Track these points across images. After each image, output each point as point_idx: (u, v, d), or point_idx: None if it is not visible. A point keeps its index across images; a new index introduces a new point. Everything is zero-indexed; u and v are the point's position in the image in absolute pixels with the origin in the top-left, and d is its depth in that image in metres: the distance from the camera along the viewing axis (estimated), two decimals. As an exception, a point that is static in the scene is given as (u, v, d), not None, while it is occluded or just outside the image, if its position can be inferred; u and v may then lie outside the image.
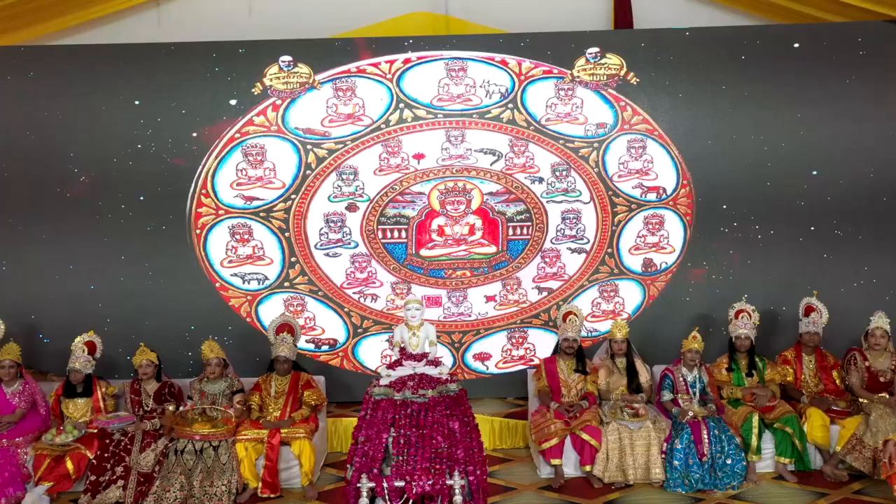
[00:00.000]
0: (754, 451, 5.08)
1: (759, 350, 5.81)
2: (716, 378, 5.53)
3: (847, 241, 6.49)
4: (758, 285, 6.38)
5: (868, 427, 4.99)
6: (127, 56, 6.30)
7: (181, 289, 6.37)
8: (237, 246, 6.35)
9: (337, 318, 6.41)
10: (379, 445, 3.65)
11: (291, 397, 5.42)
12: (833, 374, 5.53)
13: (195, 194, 6.31)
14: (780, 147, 6.43)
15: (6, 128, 6.30)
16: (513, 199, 6.35)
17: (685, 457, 5.00)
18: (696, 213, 6.41)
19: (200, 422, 5.14)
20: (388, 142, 6.29)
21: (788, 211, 6.47)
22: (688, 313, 6.31)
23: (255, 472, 5.04)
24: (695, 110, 6.36)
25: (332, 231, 6.34)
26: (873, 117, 6.38)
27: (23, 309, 6.31)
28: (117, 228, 6.38)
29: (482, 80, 6.27)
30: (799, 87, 6.38)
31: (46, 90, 6.28)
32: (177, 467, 4.97)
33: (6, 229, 6.37)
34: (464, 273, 6.40)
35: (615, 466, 5.09)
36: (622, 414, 5.23)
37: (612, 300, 6.43)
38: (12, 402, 5.34)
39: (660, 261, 6.44)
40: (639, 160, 6.33)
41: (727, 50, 6.38)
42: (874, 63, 6.34)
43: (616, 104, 6.30)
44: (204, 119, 6.27)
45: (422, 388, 3.81)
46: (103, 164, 6.34)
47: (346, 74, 6.26)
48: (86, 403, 5.34)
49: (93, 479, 4.98)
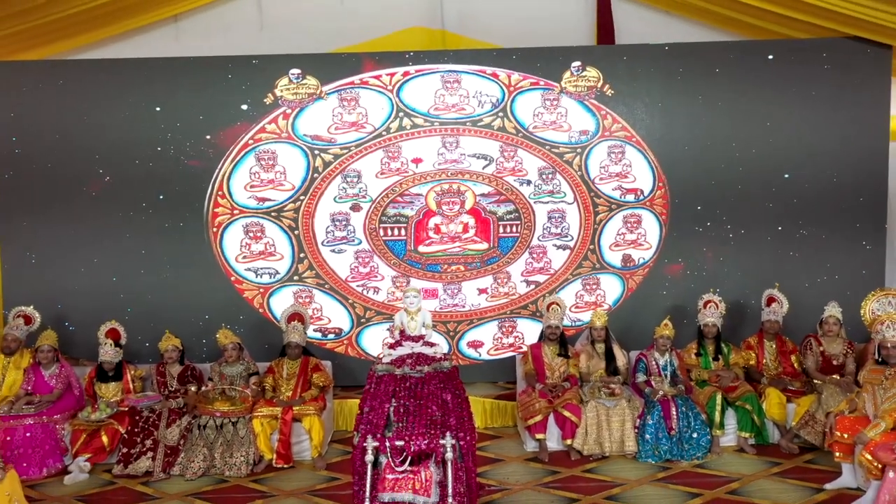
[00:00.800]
0: (718, 426, 5.66)
1: (727, 337, 6.41)
2: (685, 362, 6.11)
3: (811, 240, 7.04)
4: (728, 280, 6.97)
5: (820, 405, 5.55)
6: (149, 68, 6.86)
7: (198, 282, 6.92)
8: (251, 243, 6.92)
9: (342, 308, 6.99)
10: (382, 413, 4.21)
11: (302, 379, 5.99)
12: (791, 358, 6.11)
13: (212, 196, 6.88)
14: (751, 153, 7.00)
15: (37, 131, 6.85)
16: (503, 199, 6.93)
17: (655, 431, 5.57)
18: (672, 213, 6.98)
19: (220, 400, 5.72)
20: (389, 147, 6.87)
21: (758, 212, 7.02)
22: (664, 305, 6.86)
23: (269, 445, 5.61)
24: (670, 118, 6.92)
25: (338, 229, 6.92)
26: (836, 125, 6.91)
27: (50, 299, 6.84)
28: (138, 225, 6.94)
29: (475, 91, 6.84)
30: (768, 98, 6.92)
31: (74, 98, 6.84)
32: (199, 441, 5.55)
33: (35, 225, 6.92)
34: (458, 268, 6.98)
35: (593, 440, 5.65)
36: (600, 393, 5.80)
37: (594, 292, 7.01)
38: (50, 383, 5.92)
39: (638, 256, 7.01)
40: (618, 164, 6.91)
41: (702, 63, 6.94)
42: (836, 75, 6.89)
43: (597, 113, 6.87)
44: (219, 124, 6.83)
45: (419, 364, 4.37)
46: (126, 165, 6.90)
47: (350, 86, 6.82)
48: (116, 386, 5.91)
49: (124, 451, 5.55)
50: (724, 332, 6.38)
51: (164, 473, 5.42)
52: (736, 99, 6.94)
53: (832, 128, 6.97)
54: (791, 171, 6.99)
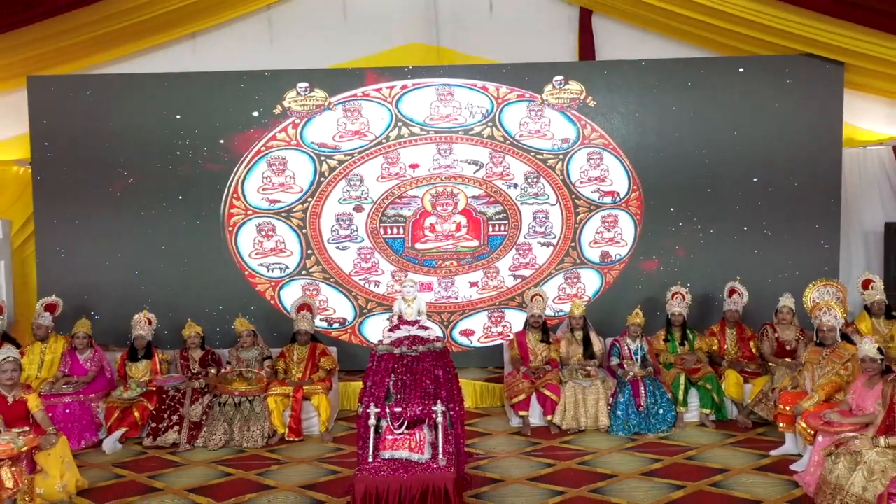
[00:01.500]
0: (682, 403, 6.35)
1: (695, 325, 7.11)
2: (654, 347, 6.80)
3: (774, 239, 7.73)
4: (698, 274, 7.65)
5: (773, 385, 6.24)
6: (170, 81, 7.56)
7: (213, 275, 7.61)
8: (263, 241, 7.61)
9: (346, 300, 7.68)
10: (382, 387, 4.88)
11: (310, 362, 6.68)
12: (750, 343, 6.80)
13: (228, 198, 7.57)
14: (719, 159, 7.68)
15: (67, 137, 7.54)
16: (492, 201, 7.62)
17: (626, 408, 6.25)
18: (646, 213, 7.66)
19: (238, 381, 6.40)
20: (388, 154, 7.56)
21: (725, 213, 7.71)
22: (639, 297, 7.52)
23: (282, 420, 6.29)
24: (645, 128, 7.61)
25: (342, 228, 7.61)
26: (796, 133, 7.60)
27: (77, 291, 7.52)
28: (159, 223, 7.63)
29: (467, 102, 7.53)
30: (735, 109, 7.61)
31: (102, 107, 7.54)
32: (220, 416, 6.23)
33: (64, 223, 7.60)
34: (451, 263, 7.66)
35: (571, 416, 6.33)
36: (577, 375, 6.49)
37: (575, 285, 7.70)
38: (85, 366, 6.60)
39: (615, 253, 7.70)
40: (597, 169, 7.60)
41: (676, 77, 7.62)
42: (797, 89, 7.57)
43: (578, 122, 7.56)
44: (233, 130, 7.51)
45: (414, 345, 5.03)
46: (148, 168, 7.59)
47: (353, 98, 7.51)
48: (145, 367, 6.59)
49: (153, 426, 6.23)
50: (691, 320, 7.09)
51: (189, 445, 6.10)
52: (706, 110, 7.63)
53: (793, 136, 7.65)
54: (758, 175, 7.66)
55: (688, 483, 5.05)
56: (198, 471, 5.58)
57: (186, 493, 5.12)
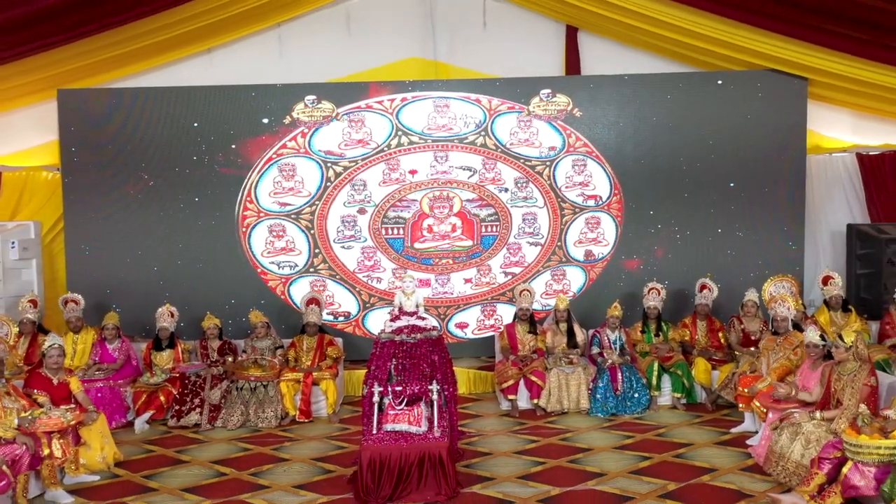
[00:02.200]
0: (655, 388, 7.01)
1: (672, 317, 7.77)
2: (632, 337, 7.45)
3: (746, 240, 8.36)
4: (675, 272, 8.30)
5: (736, 371, 6.89)
6: (188, 93, 8.21)
7: (227, 272, 8.26)
8: (274, 240, 8.27)
9: (350, 295, 8.34)
10: (385, 370, 5.53)
11: (318, 351, 7.33)
12: (719, 334, 7.45)
13: (241, 201, 8.23)
14: (696, 166, 8.32)
15: (93, 144, 8.22)
16: (485, 204, 8.28)
17: (605, 392, 6.91)
18: (626, 216, 8.32)
19: (253, 368, 7.06)
20: (389, 161, 8.21)
21: (701, 217, 8.36)
22: (619, 293, 8.19)
23: (294, 403, 6.94)
24: (626, 137, 8.25)
25: (347, 229, 8.26)
26: (766, 142, 8.23)
27: (100, 285, 8.19)
28: (176, 223, 8.29)
29: (461, 113, 8.19)
30: (711, 120, 8.24)
31: (124, 117, 8.20)
32: (237, 400, 6.89)
33: (89, 223, 8.27)
34: (447, 261, 8.32)
35: (555, 399, 6.99)
36: (561, 363, 7.14)
37: (561, 282, 8.36)
38: (113, 355, 7.25)
39: (598, 252, 8.36)
40: (581, 175, 8.26)
41: (656, 90, 8.26)
42: (766, 101, 8.20)
43: (563, 132, 8.22)
44: (244, 136, 8.16)
45: (413, 333, 5.67)
46: (166, 172, 8.25)
47: (357, 109, 8.17)
48: (169, 355, 7.24)
49: (177, 408, 6.88)
50: (667, 313, 7.76)
51: (210, 425, 6.75)
52: (683, 120, 8.28)
53: (762, 145, 8.30)
54: (732, 181, 8.31)
55: (654, 455, 5.72)
56: (219, 446, 6.24)
57: (211, 465, 5.78)
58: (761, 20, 7.42)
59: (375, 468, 4.99)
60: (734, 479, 5.20)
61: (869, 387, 4.94)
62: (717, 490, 5.01)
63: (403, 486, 4.97)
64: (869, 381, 4.96)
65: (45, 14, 6.66)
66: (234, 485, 5.35)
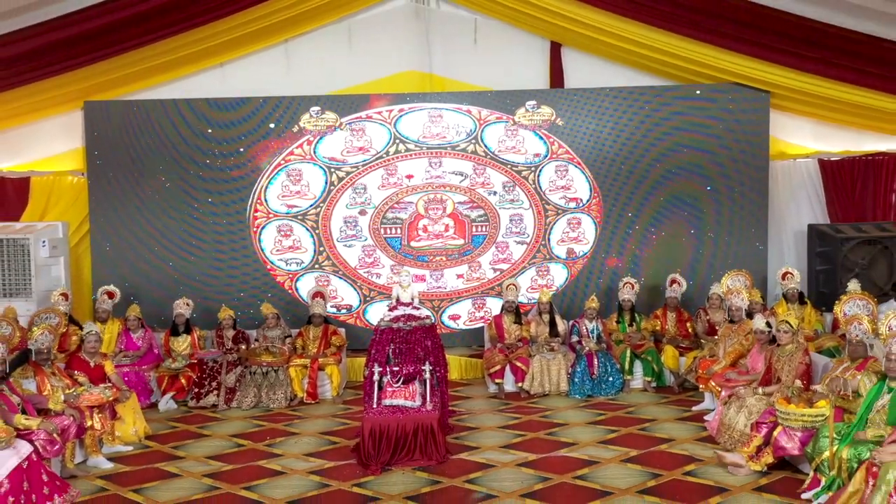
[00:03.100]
0: (627, 372, 7.76)
1: (646, 309, 8.53)
2: (608, 327, 8.21)
3: (717, 241, 9.09)
4: (651, 270, 9.05)
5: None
6: (203, 104, 8.96)
7: (237, 268, 8.99)
8: (282, 239, 9.02)
9: (352, 290, 9.09)
10: (383, 353, 6.27)
11: (324, 340, 8.07)
12: (687, 324, 8.21)
13: (252, 204, 8.98)
14: (671, 172, 9.06)
15: (116, 149, 8.96)
16: (475, 206, 9.03)
17: (582, 376, 7.65)
18: (605, 217, 9.06)
19: (265, 354, 7.80)
20: (388, 166, 8.96)
21: (676, 219, 9.09)
22: (598, 287, 8.96)
23: (301, 386, 7.69)
24: (605, 145, 8.99)
25: (349, 229, 9.01)
26: (735, 150, 8.96)
27: (120, 279, 8.88)
28: (190, 222, 9.03)
29: (454, 123, 8.94)
30: (685, 130, 8.97)
31: (144, 125, 8.94)
32: (251, 383, 7.63)
33: (111, 221, 9.01)
34: (441, 258, 9.07)
35: (538, 383, 7.73)
36: (543, 350, 7.88)
37: (545, 277, 9.11)
38: (137, 343, 7.99)
39: (579, 250, 9.12)
40: (563, 179, 9.01)
41: (634, 102, 8.99)
42: (735, 112, 8.93)
43: (547, 140, 8.97)
44: (253, 142, 8.91)
45: (409, 321, 6.41)
46: (182, 174, 8.99)
47: (359, 119, 8.92)
48: (184, 340, 7.97)
49: (196, 391, 7.63)
50: (643, 305, 8.54)
51: (226, 406, 7.50)
52: (658, 129, 9.01)
53: (731, 152, 9.04)
54: (703, 186, 9.05)
55: (621, 428, 6.47)
56: (236, 423, 6.98)
57: (230, 437, 6.53)
58: (728, 42, 8.19)
59: (376, 437, 5.73)
60: (688, 447, 5.95)
61: (804, 365, 5.71)
62: (671, 455, 5.77)
63: (400, 453, 5.71)
64: (804, 360, 5.73)
65: (78, 37, 7.40)
66: (251, 454, 6.09)
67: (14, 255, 8.57)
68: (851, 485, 4.43)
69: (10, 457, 4.91)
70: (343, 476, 5.51)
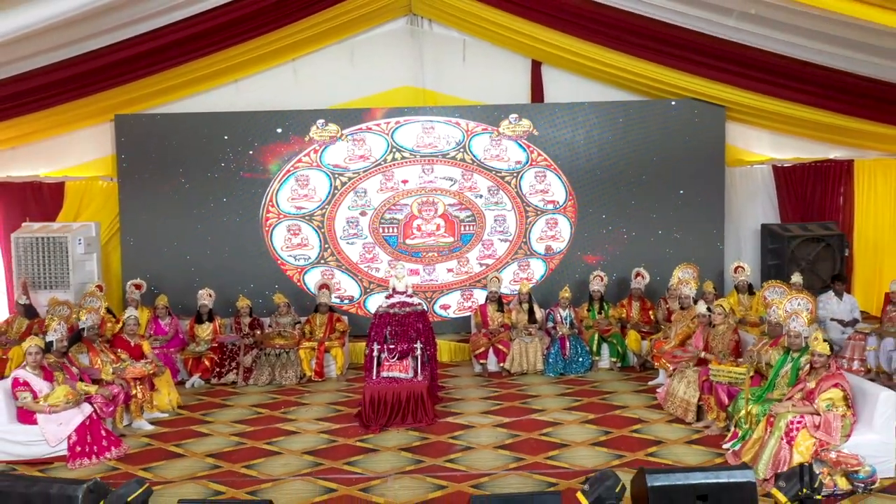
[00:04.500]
0: (595, 353, 8.86)
1: (614, 299, 9.61)
2: (580, 314, 9.30)
3: (682, 240, 10.15)
4: (621, 266, 10.10)
5: (661, 340, 8.73)
6: (219, 117, 10.04)
7: (248, 262, 10.04)
8: (291, 237, 10.10)
9: (353, 282, 10.17)
10: (381, 334, 7.36)
11: (329, 326, 9.16)
12: (650, 312, 9.30)
13: (265, 205, 10.06)
14: (641, 179, 10.13)
15: (140, 153, 10.00)
16: (463, 208, 10.11)
17: (556, 356, 8.73)
18: (580, 218, 10.14)
19: (278, 338, 8.88)
20: (386, 172, 10.05)
21: (645, 221, 10.16)
22: (573, 280, 10.03)
23: (310, 366, 8.76)
24: (580, 153, 10.06)
25: (351, 228, 10.10)
26: (699, 159, 10.01)
27: (142, 271, 9.92)
28: (207, 220, 10.08)
29: (444, 134, 10.02)
30: (654, 141, 10.02)
31: (167, 135, 9.99)
32: (265, 363, 8.71)
33: (138, 220, 10.05)
34: (433, 254, 10.16)
35: (517, 363, 8.80)
36: (522, 334, 8.96)
37: (526, 271, 10.20)
38: (165, 329, 9.07)
39: (556, 247, 10.21)
40: (542, 184, 10.10)
41: (608, 115, 10.06)
42: (699, 124, 10.00)
43: (527, 149, 10.06)
44: (261, 145, 9.99)
45: (403, 307, 7.50)
46: (200, 176, 10.04)
47: (359, 130, 10.01)
48: (208, 327, 9.06)
49: (218, 370, 8.71)
50: (613, 296, 9.61)
51: (244, 383, 8.58)
52: (631, 141, 10.07)
53: (692, 161, 10.11)
54: (671, 190, 10.12)
55: (584, 398, 7.57)
56: (254, 397, 8.07)
57: (250, 407, 7.61)
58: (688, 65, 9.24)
59: (375, 403, 6.83)
60: (638, 412, 7.06)
61: (733, 342, 6.81)
62: (623, 418, 6.87)
63: (395, 416, 6.80)
64: (734, 337, 6.85)
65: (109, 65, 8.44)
66: (269, 419, 7.18)
67: (53, 251, 9.66)
68: (756, 433, 5.52)
69: (76, 415, 6.01)
70: (348, 434, 6.61)
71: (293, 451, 6.21)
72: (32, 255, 9.62)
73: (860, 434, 5.24)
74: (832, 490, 4.93)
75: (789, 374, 5.77)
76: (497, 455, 6.00)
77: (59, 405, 5.97)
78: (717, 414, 6.39)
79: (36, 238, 9.64)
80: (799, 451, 5.15)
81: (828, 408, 5.23)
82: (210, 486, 5.49)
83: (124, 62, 8.58)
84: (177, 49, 8.76)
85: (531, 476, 5.54)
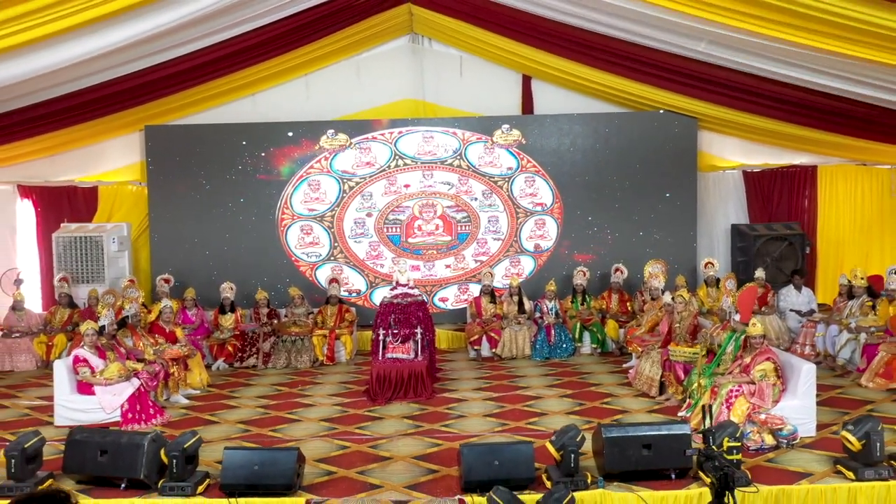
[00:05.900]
0: (577, 340, 9.88)
1: (596, 292, 10.64)
2: (564, 306, 10.33)
3: (662, 241, 11.16)
4: (605, 263, 11.10)
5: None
6: (239, 128, 11.08)
7: (263, 258, 11.09)
8: (304, 237, 11.14)
9: (360, 277, 11.21)
10: (386, 320, 8.39)
11: (339, 316, 10.20)
12: (627, 304, 10.33)
13: (280, 208, 11.11)
14: (625, 185, 11.15)
15: (164, 158, 11.05)
16: (460, 209, 11.15)
17: (542, 343, 9.76)
18: (567, 220, 11.16)
19: (293, 327, 9.93)
20: (389, 177, 11.08)
21: (628, 223, 11.17)
22: (559, 275, 11.04)
23: (322, 351, 9.80)
24: (567, 160, 11.10)
25: (358, 228, 11.14)
26: (677, 164, 11.02)
27: (165, 266, 10.98)
28: (225, 219, 11.13)
29: (443, 142, 11.06)
30: (636, 148, 11.04)
31: (191, 143, 11.05)
32: (282, 349, 9.75)
33: (165, 220, 11.12)
34: (433, 252, 11.19)
35: (508, 349, 9.84)
36: (512, 324, 10.00)
37: (517, 267, 11.24)
38: (192, 318, 10.11)
39: (544, 246, 11.24)
40: (531, 188, 11.13)
41: (593, 126, 11.08)
42: (678, 133, 11.03)
43: (518, 156, 11.09)
44: (279, 149, 11.04)
45: (405, 298, 8.54)
46: (219, 179, 11.09)
47: (366, 140, 11.05)
48: (230, 317, 10.10)
49: (240, 355, 9.75)
50: (595, 289, 10.64)
51: (264, 366, 9.62)
52: (615, 149, 11.09)
53: (676, 166, 11.12)
54: (652, 195, 11.13)
55: (565, 378, 8.60)
56: (273, 378, 9.10)
57: (271, 385, 8.66)
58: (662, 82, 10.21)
59: (381, 379, 7.86)
60: (610, 388, 8.09)
61: (692, 326, 7.84)
62: (597, 393, 7.90)
63: (398, 391, 7.83)
64: (693, 322, 7.86)
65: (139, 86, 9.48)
66: (288, 395, 8.22)
67: (90, 249, 10.72)
68: (702, 400, 6.54)
69: (127, 387, 7.06)
70: (358, 406, 7.64)
71: (311, 418, 7.25)
72: (71, 252, 10.69)
73: (786, 400, 6.26)
74: (760, 444, 5.95)
75: (732, 350, 6.80)
76: (485, 421, 7.03)
77: (112, 379, 7.02)
78: (675, 388, 7.41)
79: (74, 237, 10.71)
80: (735, 415, 6.16)
81: (761, 377, 6.25)
82: (244, 444, 6.52)
83: (155, 82, 9.62)
84: (200, 70, 9.80)
85: (513, 437, 6.56)
